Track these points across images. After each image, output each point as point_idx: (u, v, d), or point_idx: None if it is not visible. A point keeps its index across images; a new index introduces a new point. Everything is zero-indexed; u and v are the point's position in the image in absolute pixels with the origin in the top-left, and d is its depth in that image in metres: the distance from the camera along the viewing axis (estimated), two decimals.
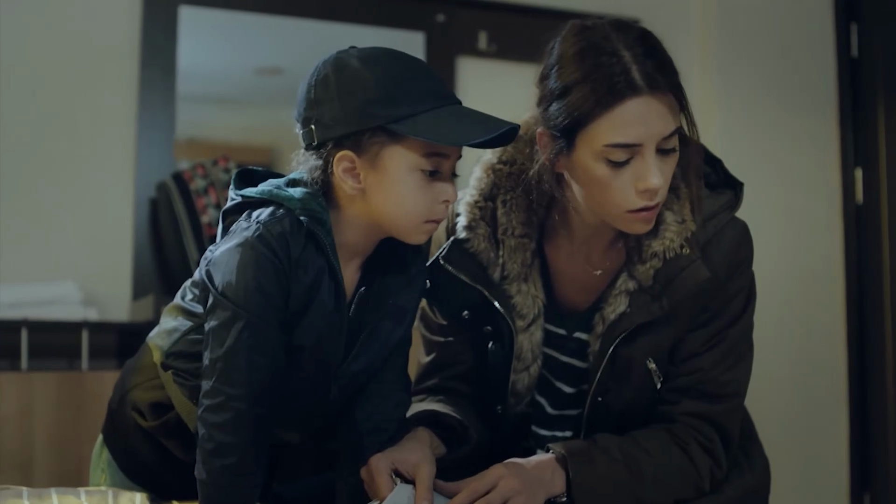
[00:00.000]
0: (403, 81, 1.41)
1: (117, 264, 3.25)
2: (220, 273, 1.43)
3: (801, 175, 3.90)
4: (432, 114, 1.41)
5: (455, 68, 3.73)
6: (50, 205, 3.19)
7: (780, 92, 3.92)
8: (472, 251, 1.61)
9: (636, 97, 1.43)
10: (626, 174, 1.46)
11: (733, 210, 1.63)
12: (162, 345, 1.56)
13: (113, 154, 3.28)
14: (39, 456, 2.68)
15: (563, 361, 1.68)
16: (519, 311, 1.62)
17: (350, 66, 1.42)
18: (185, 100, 3.39)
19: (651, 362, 1.60)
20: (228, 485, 1.40)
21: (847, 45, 3.98)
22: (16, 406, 2.67)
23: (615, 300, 1.59)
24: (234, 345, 1.40)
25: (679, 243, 1.55)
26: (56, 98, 3.23)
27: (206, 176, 3.11)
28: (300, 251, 1.43)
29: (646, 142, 1.45)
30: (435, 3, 3.71)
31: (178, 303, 1.57)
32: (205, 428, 1.41)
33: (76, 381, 2.76)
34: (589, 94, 1.44)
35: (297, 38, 3.60)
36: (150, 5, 3.34)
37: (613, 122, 1.44)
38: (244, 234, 1.43)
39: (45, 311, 2.88)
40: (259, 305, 1.41)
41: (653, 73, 1.44)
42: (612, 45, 1.45)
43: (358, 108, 1.41)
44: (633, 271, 1.58)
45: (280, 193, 1.46)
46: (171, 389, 1.54)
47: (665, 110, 1.46)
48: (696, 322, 1.61)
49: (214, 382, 1.41)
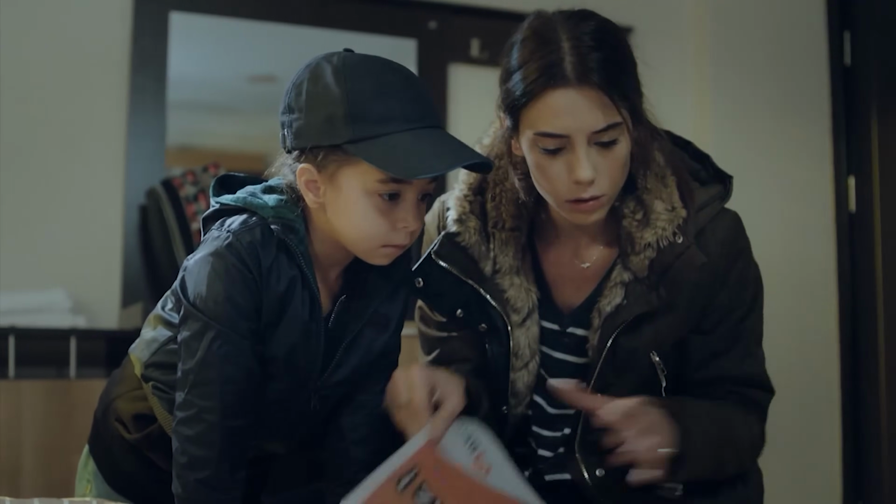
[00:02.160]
0: (371, 99, 1.35)
1: (106, 272, 3.24)
2: (192, 283, 1.41)
3: (795, 183, 3.90)
4: (396, 137, 1.35)
5: (447, 75, 3.73)
6: (39, 211, 3.18)
7: (774, 100, 3.93)
8: (464, 244, 1.60)
9: (564, 88, 1.42)
10: (560, 162, 1.46)
11: (724, 200, 1.62)
12: (141, 356, 1.54)
13: (103, 161, 3.28)
14: (27, 464, 2.67)
15: (557, 358, 1.65)
16: (513, 305, 1.60)
17: (323, 76, 1.37)
18: (177, 107, 3.38)
19: (654, 355, 1.58)
20: (205, 499, 1.38)
21: (840, 53, 3.99)
22: (3, 414, 2.65)
23: (611, 292, 1.57)
24: (205, 356, 1.37)
25: (671, 231, 1.54)
26: (46, 105, 3.23)
27: (196, 182, 3.10)
28: (271, 260, 1.40)
29: (573, 133, 1.43)
30: (427, 11, 3.72)
31: (158, 312, 1.55)
32: (178, 441, 1.39)
33: (64, 389, 2.75)
34: (525, 78, 1.45)
35: (289, 46, 3.59)
36: (140, 11, 3.33)
37: (541, 111, 1.44)
38: (215, 243, 1.40)
39: (33, 318, 2.87)
40: (229, 316, 1.38)
41: (588, 67, 1.43)
42: (555, 35, 1.46)
43: (320, 121, 1.36)
44: (628, 263, 1.56)
45: (253, 201, 1.43)
46: (152, 401, 1.52)
47: (595, 105, 1.43)
48: (710, 320, 1.60)
49: (186, 394, 1.38)
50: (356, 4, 3.62)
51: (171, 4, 3.37)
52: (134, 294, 3.22)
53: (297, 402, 1.51)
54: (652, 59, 1.55)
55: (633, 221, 1.57)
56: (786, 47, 3.97)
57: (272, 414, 1.50)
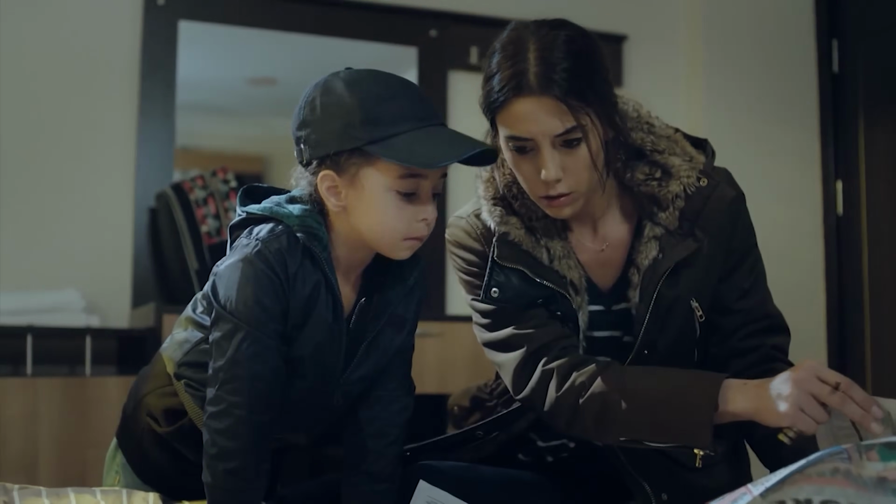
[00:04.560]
0: (382, 104, 1.46)
1: (118, 273, 3.30)
2: (223, 288, 1.50)
3: (784, 187, 3.96)
4: (409, 136, 1.45)
5: (447, 82, 3.79)
6: (52, 215, 3.25)
7: (764, 106, 3.99)
8: (516, 241, 1.67)
9: (528, 97, 1.52)
10: (530, 163, 1.57)
11: (713, 157, 1.73)
12: (174, 356, 1.64)
13: (114, 165, 3.35)
14: (44, 458, 2.73)
15: (603, 337, 1.71)
16: (576, 287, 1.67)
17: (335, 89, 1.48)
18: (179, 109, 3.44)
19: (694, 301, 1.65)
20: (233, 487, 1.47)
21: (829, 60, 4.04)
22: (21, 410, 2.72)
23: (645, 248, 1.65)
24: (235, 355, 1.47)
25: (696, 176, 1.64)
26: (59, 111, 3.29)
27: (206, 186, 3.15)
28: (297, 266, 1.49)
29: (537, 137, 1.53)
30: (428, 19, 3.79)
31: (189, 314, 1.64)
32: (209, 434, 1.48)
33: (79, 386, 2.81)
34: (495, 86, 1.55)
35: (290, 49, 3.65)
36: (150, 20, 3.41)
37: (508, 117, 1.55)
38: (244, 250, 1.49)
39: (48, 318, 2.93)
40: (258, 318, 1.47)
41: (549, 77, 1.51)
42: (524, 46, 1.54)
43: (338, 129, 1.46)
44: (657, 219, 1.65)
45: (279, 211, 1.53)
46: (183, 398, 1.62)
47: (553, 112, 1.52)
48: (730, 263, 1.68)
49: (217, 391, 1.48)
50: (359, 13, 3.69)
51: (180, 13, 3.45)
52: (144, 295, 3.28)
53: (322, 397, 1.61)
54: (646, 66, 1.64)
55: (653, 181, 1.65)
56: (776, 54, 4.04)
57: (298, 409, 1.59)
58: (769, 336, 1.70)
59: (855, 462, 1.18)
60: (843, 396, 1.40)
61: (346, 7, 3.68)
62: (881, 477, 1.17)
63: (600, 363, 1.62)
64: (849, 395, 1.40)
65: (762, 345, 1.69)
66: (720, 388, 1.51)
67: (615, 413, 1.57)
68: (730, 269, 1.69)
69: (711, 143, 1.75)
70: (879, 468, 1.17)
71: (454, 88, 3.80)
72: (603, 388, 1.58)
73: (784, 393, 1.44)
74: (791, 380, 1.44)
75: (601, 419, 1.58)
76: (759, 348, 1.69)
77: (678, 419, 1.53)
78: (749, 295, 1.70)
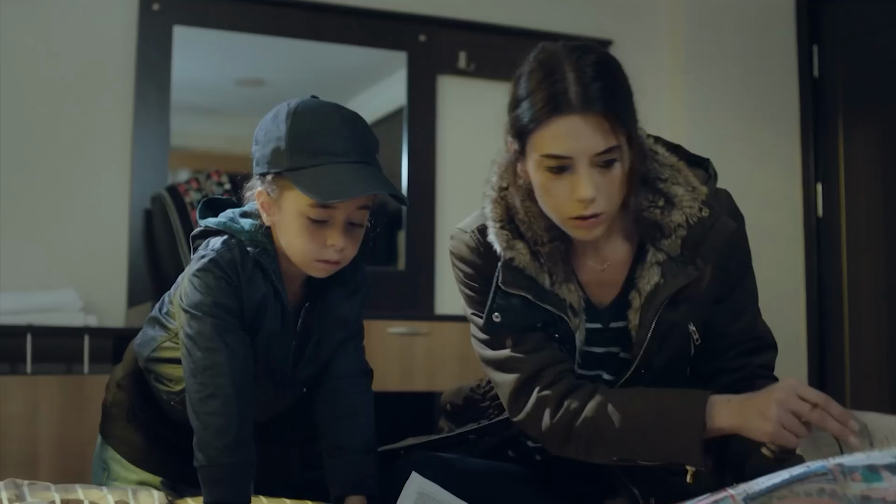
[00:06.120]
0: (311, 136, 1.60)
1: (113, 273, 3.35)
2: (189, 294, 1.65)
3: (765, 190, 4.01)
4: (323, 169, 1.58)
5: (436, 86, 3.85)
6: (49, 216, 3.30)
7: (746, 110, 4.05)
8: (521, 266, 1.69)
9: (570, 115, 1.54)
10: (564, 183, 1.57)
11: (716, 178, 1.76)
12: (141, 352, 1.80)
13: (109, 167, 3.39)
14: (43, 454, 2.77)
15: (599, 353, 1.75)
16: (574, 310, 1.70)
17: (279, 115, 1.63)
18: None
19: (691, 325, 1.69)
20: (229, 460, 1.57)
21: (809, 66, 4.10)
22: (21, 407, 2.76)
23: (648, 273, 1.68)
24: (211, 344, 1.61)
25: (698, 207, 1.67)
26: (56, 114, 3.34)
27: (200, 189, 3.19)
28: (248, 275, 1.65)
29: (576, 155, 1.55)
30: (417, 24, 3.84)
31: (156, 315, 1.81)
32: (199, 419, 1.59)
33: (77, 383, 2.85)
34: (533, 106, 1.56)
35: (280, 52, 3.67)
36: (145, 25, 3.46)
37: (548, 135, 1.56)
38: (202, 261, 1.64)
39: (47, 317, 2.98)
40: (222, 314, 1.63)
41: (591, 96, 1.54)
42: (561, 66, 1.57)
43: (270, 152, 1.62)
44: (660, 245, 1.67)
45: (232, 226, 1.68)
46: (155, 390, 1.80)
47: (597, 129, 1.54)
48: (727, 285, 1.72)
49: (199, 380, 1.60)
50: (349, 18, 3.74)
51: (174, 19, 3.50)
52: (139, 295, 3.33)
53: (272, 389, 1.76)
54: (630, 71, 1.67)
55: (656, 210, 1.68)
56: (758, 60, 4.10)
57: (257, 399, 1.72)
58: (757, 355, 1.76)
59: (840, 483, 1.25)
60: (822, 413, 1.48)
61: (337, 12, 3.72)
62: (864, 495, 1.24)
63: (591, 389, 1.67)
64: (827, 412, 1.48)
65: (749, 364, 1.74)
66: (706, 406, 1.58)
67: (607, 437, 1.63)
68: (727, 291, 1.73)
69: (695, 147, 1.79)
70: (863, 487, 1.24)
71: (443, 93, 3.86)
72: (594, 414, 1.63)
73: (767, 412, 1.51)
74: (774, 399, 1.51)
75: (594, 443, 1.65)
76: (746, 367, 1.74)
77: (668, 440, 1.59)
78: (741, 317, 1.75)
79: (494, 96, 4.13)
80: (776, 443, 1.51)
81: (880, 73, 3.85)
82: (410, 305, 3.63)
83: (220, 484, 1.57)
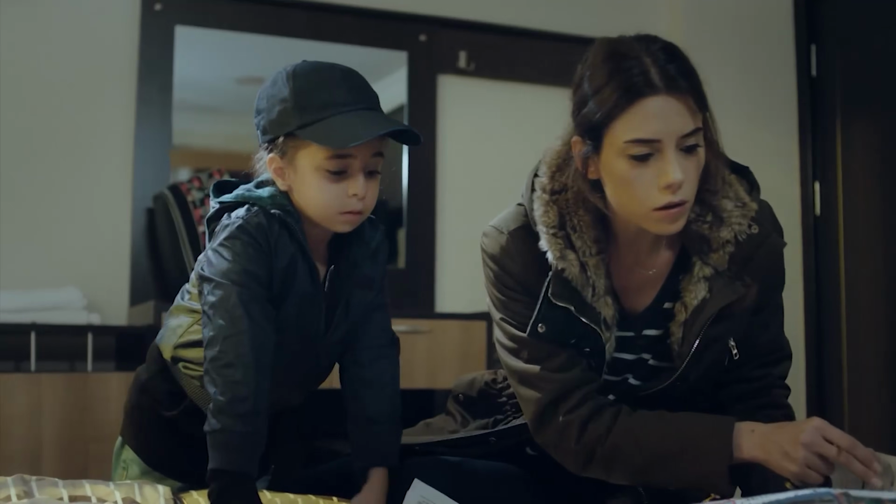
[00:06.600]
0: (313, 92, 1.61)
1: (116, 272, 3.37)
2: (214, 263, 1.62)
3: (763, 188, 3.85)
4: (333, 119, 1.60)
5: (436, 86, 3.87)
6: (52, 215, 3.32)
7: (744, 109, 4.06)
8: (570, 278, 1.63)
9: (654, 96, 1.49)
10: (649, 171, 1.51)
11: (758, 189, 1.73)
12: (169, 341, 1.76)
13: (112, 167, 3.42)
14: (47, 451, 2.80)
15: (629, 360, 1.73)
16: (608, 323, 1.66)
17: (277, 81, 1.65)
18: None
19: (731, 340, 1.68)
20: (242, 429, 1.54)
21: (807, 65, 4.11)
22: (25, 405, 2.79)
23: (695, 287, 1.64)
24: (233, 313, 1.58)
25: (747, 224, 1.63)
26: (59, 113, 3.36)
27: (202, 188, 3.21)
28: (275, 238, 1.63)
29: (664, 138, 1.50)
30: (417, 24, 3.86)
31: (179, 303, 1.78)
32: (217, 386, 1.55)
33: (81, 381, 2.88)
34: (612, 93, 1.51)
35: (278, 50, 3.70)
36: (147, 25, 3.48)
37: (633, 119, 1.50)
38: (228, 229, 1.63)
39: (50, 316, 2.99)
40: (249, 281, 1.60)
41: (671, 75, 1.51)
42: (634, 52, 1.53)
43: (276, 116, 1.63)
44: (707, 259, 1.64)
45: (251, 195, 1.68)
46: (183, 379, 1.74)
47: (683, 109, 1.50)
48: (764, 299, 1.70)
49: (220, 349, 1.57)
50: (350, 18, 3.76)
51: (176, 19, 3.52)
52: (142, 293, 3.35)
53: (308, 360, 1.75)
54: None
55: (704, 224, 1.63)
56: (756, 59, 4.11)
57: (288, 373, 1.71)
58: (777, 366, 1.76)
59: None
60: (847, 457, 1.48)
61: (337, 12, 3.75)
62: None
63: (614, 412, 1.65)
64: (853, 455, 1.48)
65: (769, 374, 1.75)
66: (733, 435, 1.56)
67: (631, 463, 1.62)
68: (762, 305, 1.71)
69: None
70: None
71: (443, 92, 3.88)
72: (618, 440, 1.62)
73: (793, 454, 1.51)
74: (801, 442, 1.51)
75: (617, 467, 1.64)
76: (766, 377, 1.74)
77: (694, 469, 1.57)
78: (769, 328, 1.74)
79: (494, 95, 4.19)
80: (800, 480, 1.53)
81: (878, 73, 3.86)
82: (411, 304, 3.63)
83: (230, 450, 1.53)
